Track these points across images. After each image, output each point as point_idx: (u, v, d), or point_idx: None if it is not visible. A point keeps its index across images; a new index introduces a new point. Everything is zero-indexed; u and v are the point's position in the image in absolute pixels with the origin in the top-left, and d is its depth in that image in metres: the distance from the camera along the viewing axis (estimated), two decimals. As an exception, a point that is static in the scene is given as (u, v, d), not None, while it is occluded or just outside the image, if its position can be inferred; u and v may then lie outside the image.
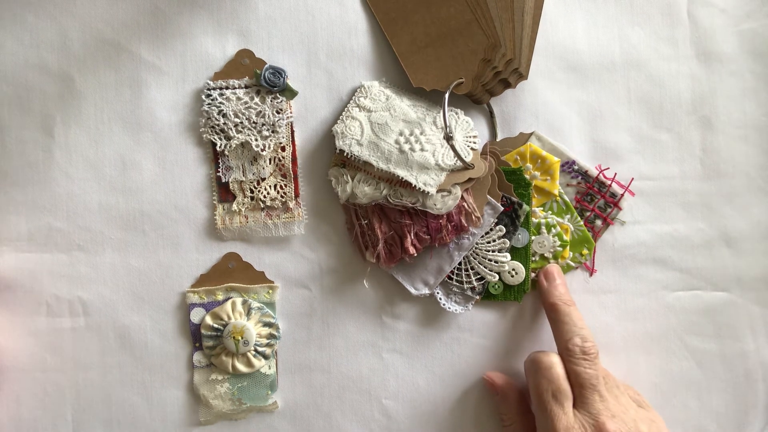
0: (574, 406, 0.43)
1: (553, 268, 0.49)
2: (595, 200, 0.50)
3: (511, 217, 0.48)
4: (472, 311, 0.50)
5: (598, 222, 0.50)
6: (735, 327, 0.51)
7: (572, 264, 0.50)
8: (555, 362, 0.44)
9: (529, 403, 0.47)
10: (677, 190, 0.50)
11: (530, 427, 0.46)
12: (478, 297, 0.49)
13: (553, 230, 0.49)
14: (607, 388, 0.44)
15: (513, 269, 0.49)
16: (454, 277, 0.49)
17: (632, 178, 0.50)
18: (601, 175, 0.49)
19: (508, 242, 0.48)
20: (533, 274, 0.49)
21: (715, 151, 0.50)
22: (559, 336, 0.45)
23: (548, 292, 0.47)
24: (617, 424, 0.42)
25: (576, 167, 0.49)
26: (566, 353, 0.44)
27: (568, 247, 0.49)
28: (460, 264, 0.48)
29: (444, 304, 0.49)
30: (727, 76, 0.50)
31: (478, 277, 0.49)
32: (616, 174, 0.50)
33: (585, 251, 0.50)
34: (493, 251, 0.48)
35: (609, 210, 0.50)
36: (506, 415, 0.48)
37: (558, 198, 0.49)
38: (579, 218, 0.49)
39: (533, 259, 0.49)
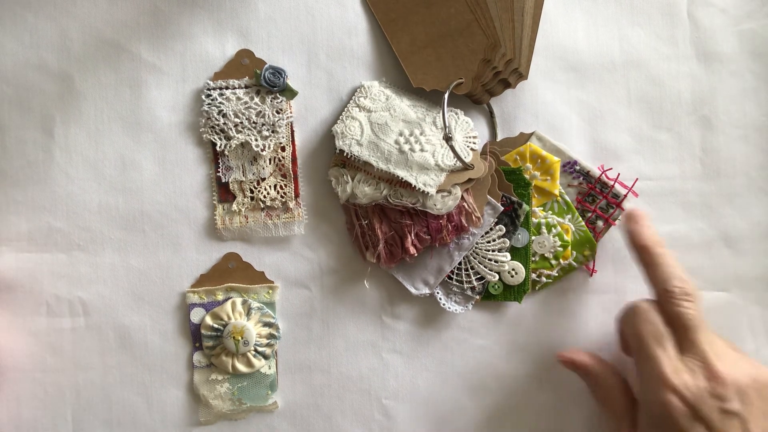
0: (678, 349, 0.42)
1: (637, 210, 0.46)
2: (597, 201, 0.49)
3: (511, 217, 0.48)
4: (472, 311, 0.50)
5: (600, 223, 0.50)
6: (735, 327, 0.51)
7: (575, 264, 0.50)
8: (651, 305, 0.43)
9: (622, 376, 0.46)
10: (677, 190, 0.50)
11: (627, 388, 0.44)
12: (478, 297, 0.49)
13: (554, 230, 0.49)
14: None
15: (513, 269, 0.49)
16: (454, 277, 0.49)
17: (636, 179, 0.50)
18: (603, 175, 0.49)
19: (508, 242, 0.48)
20: (534, 275, 0.49)
21: (715, 151, 0.50)
22: (656, 279, 0.43)
23: (637, 233, 0.45)
24: (724, 364, 0.40)
25: (577, 167, 0.49)
26: (666, 295, 0.42)
27: (569, 248, 0.49)
28: (460, 264, 0.48)
29: (444, 304, 0.49)
30: (727, 76, 0.50)
31: (478, 276, 0.48)
32: (619, 174, 0.50)
33: (587, 252, 0.49)
34: (493, 251, 0.48)
35: (611, 211, 0.49)
36: (598, 384, 0.45)
37: (559, 198, 0.49)
38: (580, 218, 0.49)
39: (533, 259, 0.49)
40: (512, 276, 0.48)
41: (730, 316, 0.50)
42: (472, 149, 0.47)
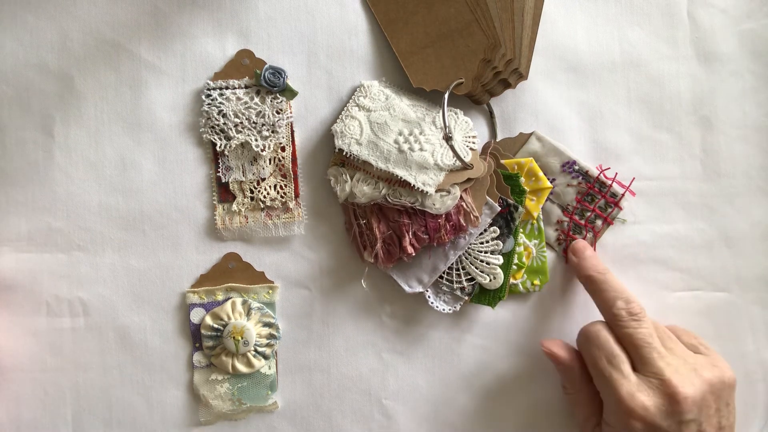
0: (635, 369, 0.42)
1: (580, 242, 0.49)
2: (596, 200, 0.49)
3: (506, 219, 0.48)
4: (471, 311, 0.50)
5: (599, 222, 0.50)
6: (735, 327, 0.51)
7: (521, 289, 0.49)
8: (600, 328, 0.44)
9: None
10: (677, 190, 0.50)
11: (594, 394, 0.45)
12: (467, 298, 0.48)
13: (517, 248, 0.49)
14: (661, 342, 0.43)
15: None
16: (445, 277, 0.48)
17: (633, 178, 0.50)
18: (602, 175, 0.49)
19: (502, 244, 0.48)
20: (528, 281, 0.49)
21: (715, 151, 0.50)
22: (603, 305, 0.45)
23: (580, 266, 0.47)
24: (682, 377, 0.41)
25: (576, 167, 0.49)
26: (614, 319, 0.44)
27: (523, 270, 0.49)
28: (452, 264, 0.48)
29: (432, 303, 0.48)
30: (727, 76, 0.50)
31: (469, 277, 0.48)
32: (617, 174, 0.50)
33: (537, 282, 0.49)
34: (485, 252, 0.48)
35: (609, 210, 0.49)
36: (570, 383, 0.46)
37: (535, 222, 0.49)
38: (545, 249, 0.49)
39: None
40: (490, 280, 0.48)
41: (730, 316, 0.50)
42: (471, 149, 0.47)
